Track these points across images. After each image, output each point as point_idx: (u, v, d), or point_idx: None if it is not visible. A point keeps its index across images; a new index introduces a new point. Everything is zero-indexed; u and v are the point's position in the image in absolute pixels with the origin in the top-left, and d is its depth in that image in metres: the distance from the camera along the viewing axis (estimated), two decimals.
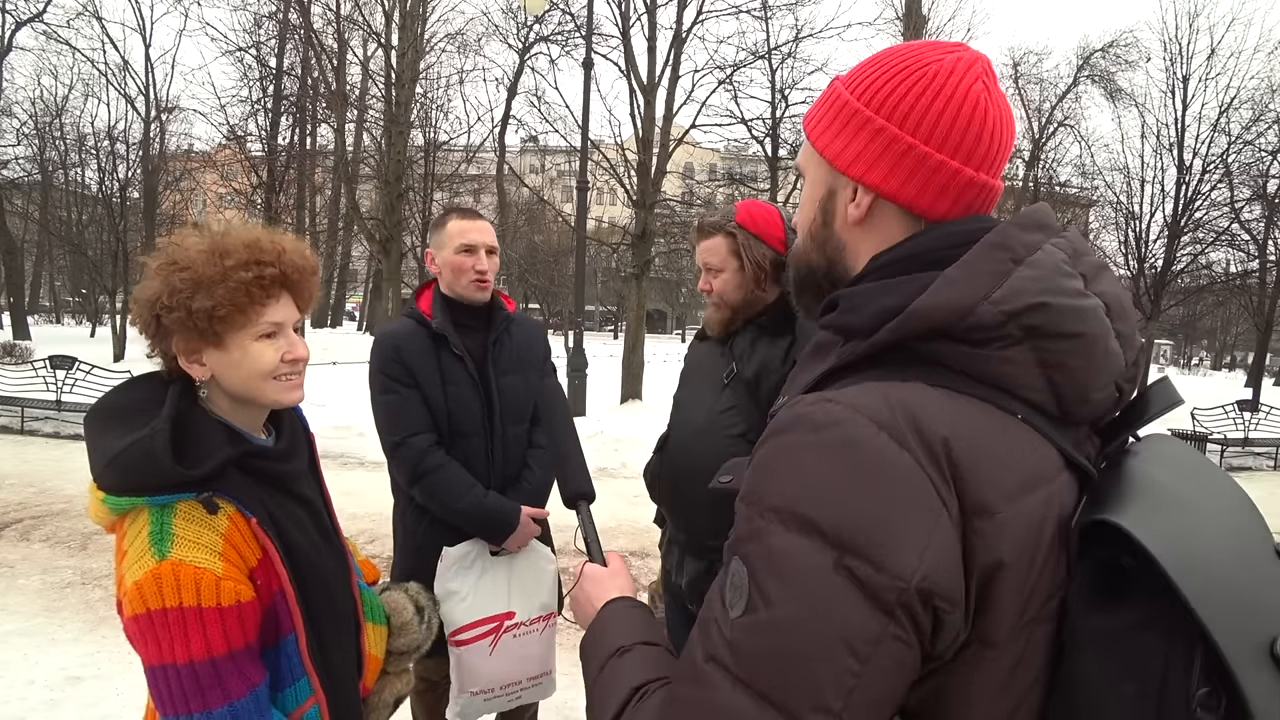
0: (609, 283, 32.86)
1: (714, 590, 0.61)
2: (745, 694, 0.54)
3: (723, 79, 13.35)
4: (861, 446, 0.56)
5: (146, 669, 0.91)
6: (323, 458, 1.24)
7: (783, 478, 0.58)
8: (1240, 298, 19.01)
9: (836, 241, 0.73)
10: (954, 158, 0.66)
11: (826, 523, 0.54)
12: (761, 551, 0.57)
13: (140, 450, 0.91)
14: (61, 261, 30.93)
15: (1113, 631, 0.54)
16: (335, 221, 21.84)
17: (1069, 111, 18.70)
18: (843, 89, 0.70)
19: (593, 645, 0.82)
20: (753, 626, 0.55)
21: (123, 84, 18.36)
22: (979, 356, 0.60)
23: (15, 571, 4.08)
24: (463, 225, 1.95)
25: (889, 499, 0.54)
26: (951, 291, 0.60)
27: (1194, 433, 9.63)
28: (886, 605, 0.53)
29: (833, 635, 0.53)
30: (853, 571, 0.53)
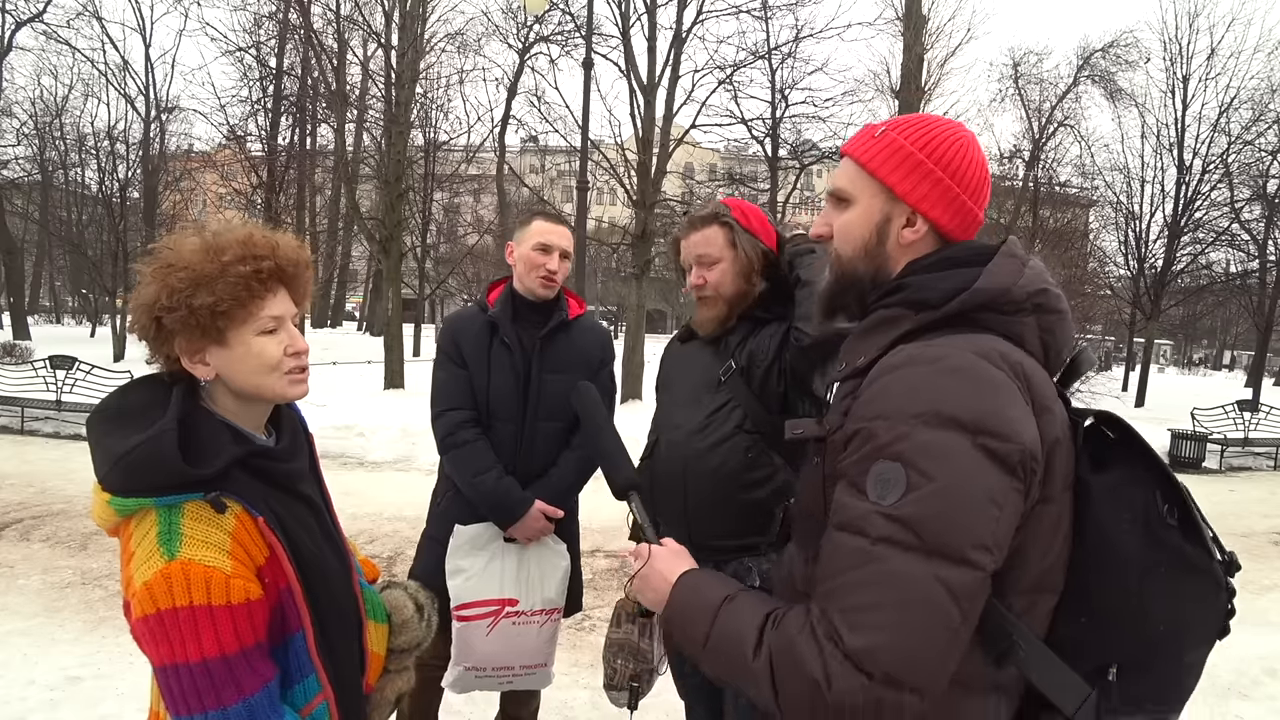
0: (609, 283, 32.83)
1: (842, 505, 0.83)
2: (913, 556, 0.76)
3: (723, 79, 13.35)
4: (972, 367, 0.81)
5: (157, 670, 0.91)
6: (323, 458, 1.24)
7: (916, 394, 0.80)
8: (1240, 298, 19.03)
9: (885, 255, 0.97)
10: (973, 202, 0.96)
11: (964, 416, 0.78)
12: (913, 446, 0.78)
13: (148, 450, 0.91)
14: (61, 261, 30.93)
15: (1111, 484, 0.84)
16: (335, 221, 21.87)
17: (1069, 111, 18.66)
18: (901, 139, 0.95)
19: (688, 609, 0.94)
20: (917, 500, 0.76)
21: (123, 84, 18.38)
22: (1008, 321, 0.88)
23: (15, 571, 4.07)
24: (545, 226, 2.07)
25: (1001, 397, 0.80)
26: (998, 279, 0.88)
27: (1194, 433, 9.64)
28: (1011, 467, 0.78)
29: (982, 494, 0.77)
30: (986, 446, 0.77)
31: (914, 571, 0.75)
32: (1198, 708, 3.18)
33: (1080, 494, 0.85)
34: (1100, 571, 0.82)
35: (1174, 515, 0.82)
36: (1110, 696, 0.82)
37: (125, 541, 0.96)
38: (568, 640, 3.54)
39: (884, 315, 0.93)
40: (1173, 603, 0.80)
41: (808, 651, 0.78)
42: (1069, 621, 0.84)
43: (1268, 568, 5.29)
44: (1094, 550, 0.83)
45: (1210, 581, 0.82)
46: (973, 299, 0.87)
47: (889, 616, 0.75)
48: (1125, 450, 0.86)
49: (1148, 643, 0.81)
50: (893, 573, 0.76)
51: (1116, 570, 0.81)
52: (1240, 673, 3.53)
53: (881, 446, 0.80)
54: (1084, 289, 13.96)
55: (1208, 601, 0.82)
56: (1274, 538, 6.15)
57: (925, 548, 0.75)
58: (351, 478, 6.43)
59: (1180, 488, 0.83)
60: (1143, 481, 0.83)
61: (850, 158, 0.99)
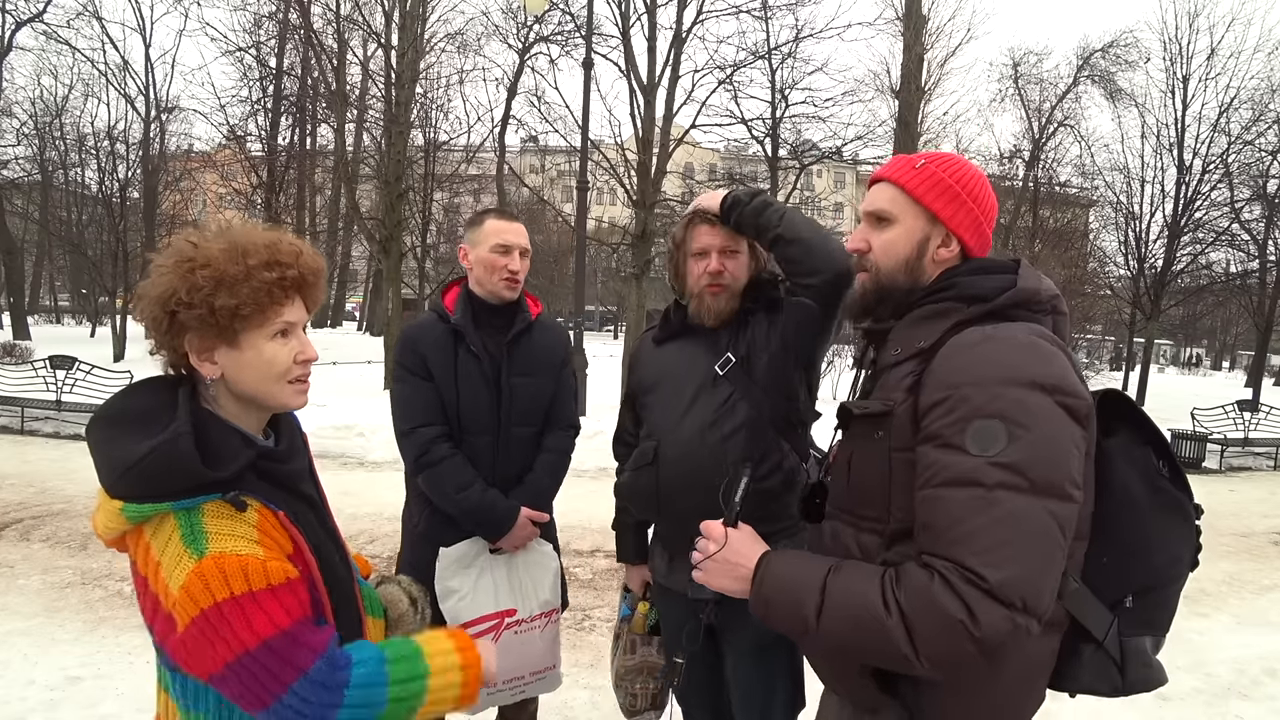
0: (609, 283, 32.84)
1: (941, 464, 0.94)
2: (1026, 495, 0.89)
3: (723, 79, 13.35)
4: (1039, 344, 0.97)
5: (218, 674, 0.89)
6: (323, 458, 1.24)
7: (1000, 364, 0.94)
8: (1240, 298, 19.02)
9: (922, 269, 1.13)
10: (988, 225, 1.15)
11: (1043, 379, 0.93)
12: (1007, 404, 0.91)
13: (165, 454, 0.90)
14: (61, 261, 30.92)
15: (1121, 446, 1.04)
16: (335, 221, 21.86)
17: (1069, 111, 18.69)
18: (944, 175, 1.12)
19: (788, 588, 1.01)
20: (1021, 448, 0.89)
21: (123, 84, 18.37)
22: (1036, 317, 1.05)
23: (15, 571, 4.08)
24: (500, 225, 1.99)
25: (1063, 366, 0.96)
26: (1031, 282, 1.07)
27: (1194, 432, 9.64)
28: (1080, 418, 0.95)
29: (1067, 439, 0.93)
30: (1063, 402, 0.93)
31: (1031, 509, 0.88)
32: (1198, 708, 3.18)
33: (1098, 457, 1.01)
34: (1119, 517, 1.01)
35: (1166, 468, 1.04)
36: (1129, 622, 1.02)
37: (142, 553, 0.94)
38: (568, 640, 3.54)
39: (936, 308, 1.08)
40: (1170, 539, 1.03)
41: (946, 598, 0.87)
42: (1096, 560, 1.02)
43: (1268, 568, 5.29)
44: (1115, 500, 1.01)
45: (1190, 520, 1.04)
46: (1017, 295, 1.04)
47: (1018, 550, 0.87)
48: (1126, 419, 1.06)
49: (1154, 572, 1.02)
50: (1013, 512, 0.88)
51: (1131, 515, 1.01)
52: (1240, 673, 3.53)
53: (979, 407, 0.92)
54: (1084, 289, 13.96)
55: (1187, 536, 1.04)
56: (1274, 538, 6.14)
57: (1035, 488, 0.89)
58: (351, 478, 6.43)
59: (1168, 448, 1.05)
60: (1142, 442, 1.04)
61: (892, 183, 1.14)
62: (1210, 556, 5.74)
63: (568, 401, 2.17)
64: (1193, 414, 10.22)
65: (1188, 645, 3.81)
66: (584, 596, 4.08)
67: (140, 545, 0.94)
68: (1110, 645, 1.00)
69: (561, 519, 2.30)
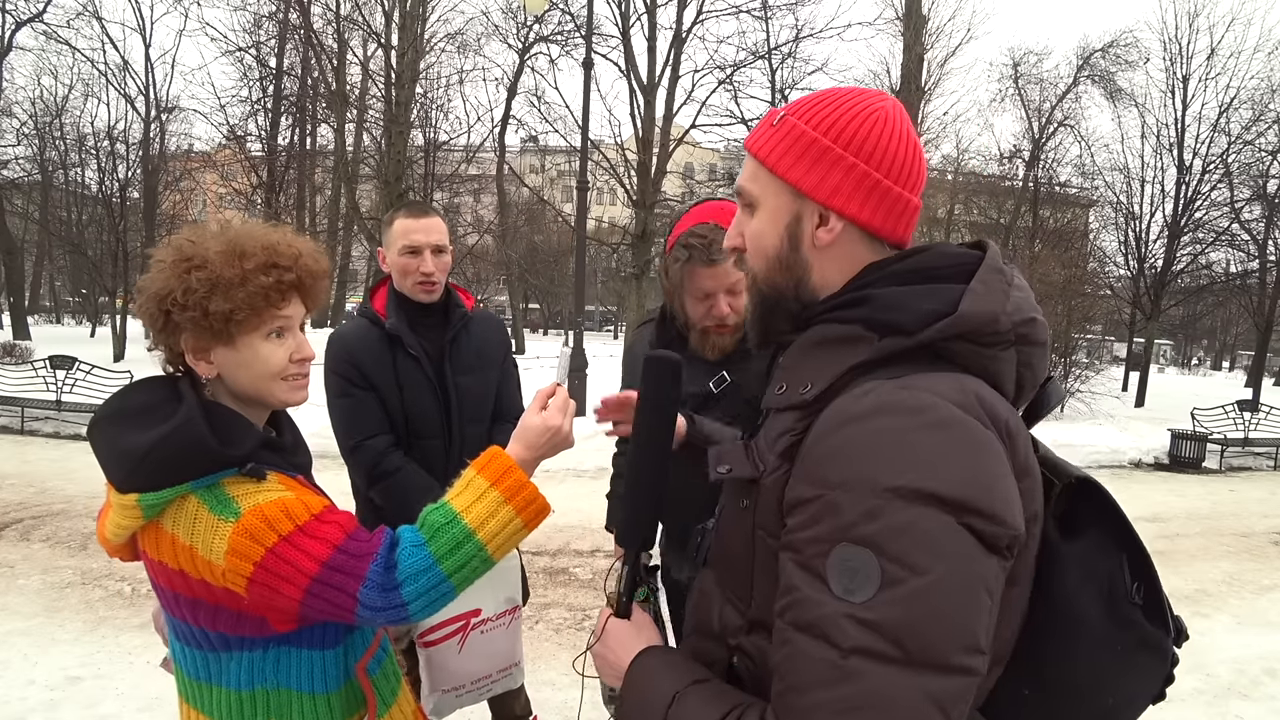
0: (609, 283, 32.83)
1: (799, 596, 0.66)
2: (895, 669, 0.61)
3: (723, 79, 13.37)
4: (957, 426, 0.66)
5: (299, 610, 0.92)
6: (322, 457, 1.25)
7: (889, 459, 0.65)
8: (1240, 298, 19.01)
9: (804, 263, 0.81)
10: (904, 187, 0.78)
11: (947, 491, 0.63)
12: (887, 528, 0.63)
13: (180, 437, 0.90)
14: (61, 261, 30.88)
15: (1080, 553, 0.75)
16: (335, 221, 21.85)
17: (1069, 111, 18.67)
18: (801, 124, 0.78)
19: (639, 701, 0.82)
20: (896, 600, 0.61)
21: (123, 84, 18.35)
22: (982, 355, 0.73)
23: (15, 571, 4.08)
24: (407, 225, 1.87)
25: (990, 466, 0.66)
26: (985, 303, 0.72)
27: (1194, 433, 9.64)
28: (1000, 549, 0.65)
29: (975, 583, 0.64)
30: (972, 527, 0.63)
31: (898, 689, 0.61)
32: (1198, 708, 3.18)
33: (1045, 560, 0.75)
34: (1058, 646, 0.74)
35: (1139, 593, 0.75)
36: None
37: (167, 547, 0.93)
38: (568, 640, 3.54)
39: (836, 332, 0.77)
40: (1125, 680, 0.76)
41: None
42: (1013, 692, 0.76)
43: (1268, 568, 5.29)
44: (1054, 624, 0.74)
45: (1162, 658, 0.78)
46: (952, 328, 0.71)
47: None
48: (1097, 516, 0.77)
49: (1094, 713, 0.77)
50: (873, 693, 0.61)
51: (1072, 645, 0.74)
52: (1240, 673, 3.53)
53: (846, 526, 0.64)
54: (1084, 289, 13.94)
55: (1156, 675, 0.78)
56: (1274, 538, 6.14)
57: (909, 659, 0.61)
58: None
59: (1148, 561, 0.76)
60: (1112, 552, 0.76)
61: (749, 153, 0.82)
62: (1210, 556, 5.75)
63: (514, 393, 2.16)
64: (1193, 414, 10.22)
65: (1188, 645, 3.79)
66: (584, 596, 4.09)
67: (162, 541, 0.93)
68: None
69: (561, 519, 2.30)
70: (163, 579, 0.96)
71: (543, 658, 3.28)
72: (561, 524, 5.09)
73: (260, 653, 0.97)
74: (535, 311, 41.88)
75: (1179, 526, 6.34)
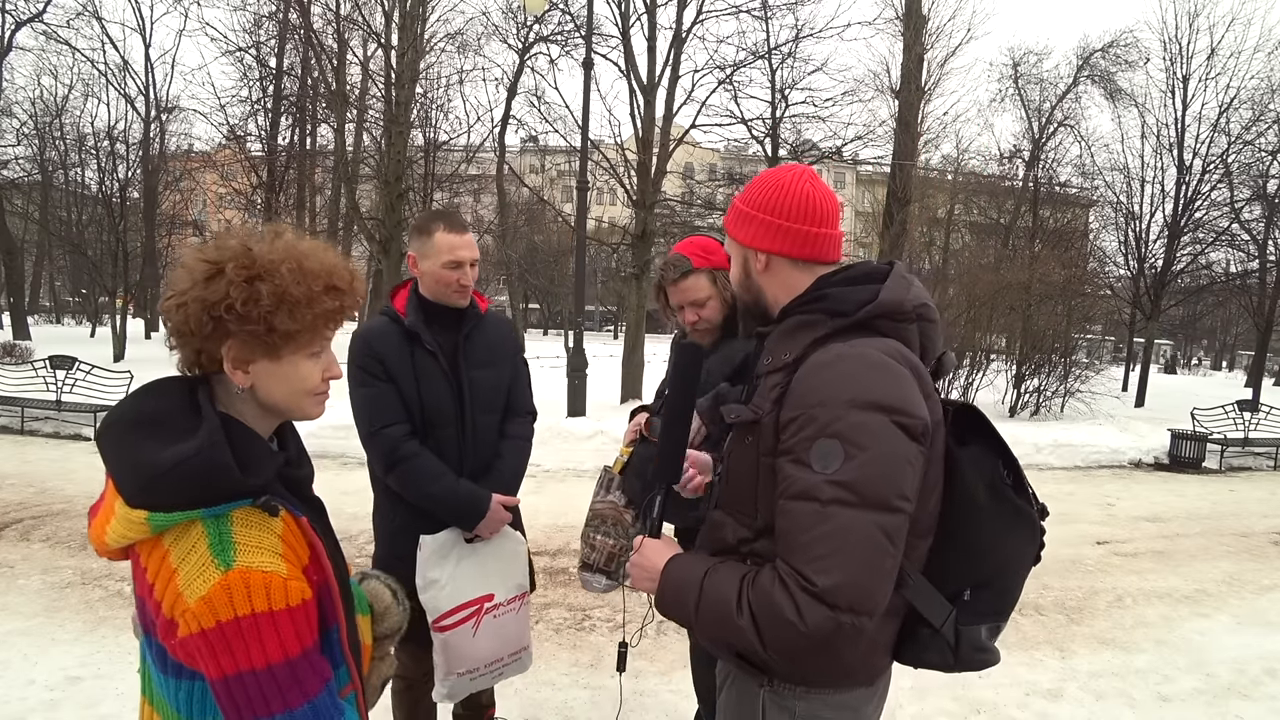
0: (609, 283, 32.81)
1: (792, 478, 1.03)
2: (856, 509, 0.98)
3: (723, 79, 13.33)
4: (885, 364, 1.06)
5: (218, 680, 0.87)
6: (323, 458, 1.25)
7: (845, 385, 1.03)
8: (1240, 298, 19.01)
9: (756, 285, 1.26)
10: (801, 223, 1.19)
11: (883, 400, 1.02)
12: (847, 425, 1.01)
13: (203, 463, 0.88)
14: (61, 261, 30.93)
15: (970, 456, 1.14)
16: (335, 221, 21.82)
17: (1069, 111, 18.69)
18: (739, 203, 1.25)
19: (677, 587, 1.14)
20: (854, 467, 0.99)
21: (123, 84, 18.38)
22: (899, 329, 1.13)
23: (15, 571, 4.08)
24: (452, 240, 2.02)
25: (906, 386, 1.05)
26: (894, 294, 1.13)
27: (1194, 433, 9.63)
28: (916, 435, 1.04)
29: (900, 457, 1.02)
30: (899, 422, 1.02)
31: (859, 521, 0.98)
32: (1198, 708, 3.18)
33: (948, 463, 1.13)
34: (962, 519, 1.12)
35: (1010, 478, 1.13)
36: (966, 612, 1.14)
37: (158, 560, 0.91)
38: (568, 640, 3.54)
39: (804, 319, 1.16)
40: (1009, 540, 1.13)
41: (782, 599, 0.99)
42: (938, 558, 1.14)
43: (1268, 568, 5.28)
44: (958, 503, 1.12)
45: (1032, 525, 1.14)
46: (876, 309, 1.11)
47: (845, 559, 0.97)
48: (978, 431, 1.16)
49: (993, 570, 1.14)
50: (842, 526, 0.98)
51: (973, 518, 1.11)
52: (1240, 673, 3.53)
53: (823, 427, 1.01)
54: (1084, 289, 13.94)
55: (1029, 538, 1.15)
56: (1274, 538, 6.14)
57: (864, 502, 0.98)
58: (352, 478, 6.41)
59: (1014, 459, 1.15)
60: (991, 453, 1.14)
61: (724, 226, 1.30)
62: (1210, 556, 5.76)
63: (524, 389, 2.28)
64: (1193, 414, 10.22)
65: (1188, 645, 3.81)
66: (584, 596, 4.08)
67: (156, 552, 0.92)
68: (947, 631, 1.12)
69: (561, 519, 2.31)
70: (142, 583, 0.94)
71: (543, 658, 3.28)
72: (561, 524, 5.09)
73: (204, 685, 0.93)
74: (535, 311, 41.86)
75: (1179, 526, 6.34)
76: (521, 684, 2.96)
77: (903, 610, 1.14)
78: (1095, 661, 3.58)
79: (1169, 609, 4.35)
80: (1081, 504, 6.96)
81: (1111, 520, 6.39)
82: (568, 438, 8.07)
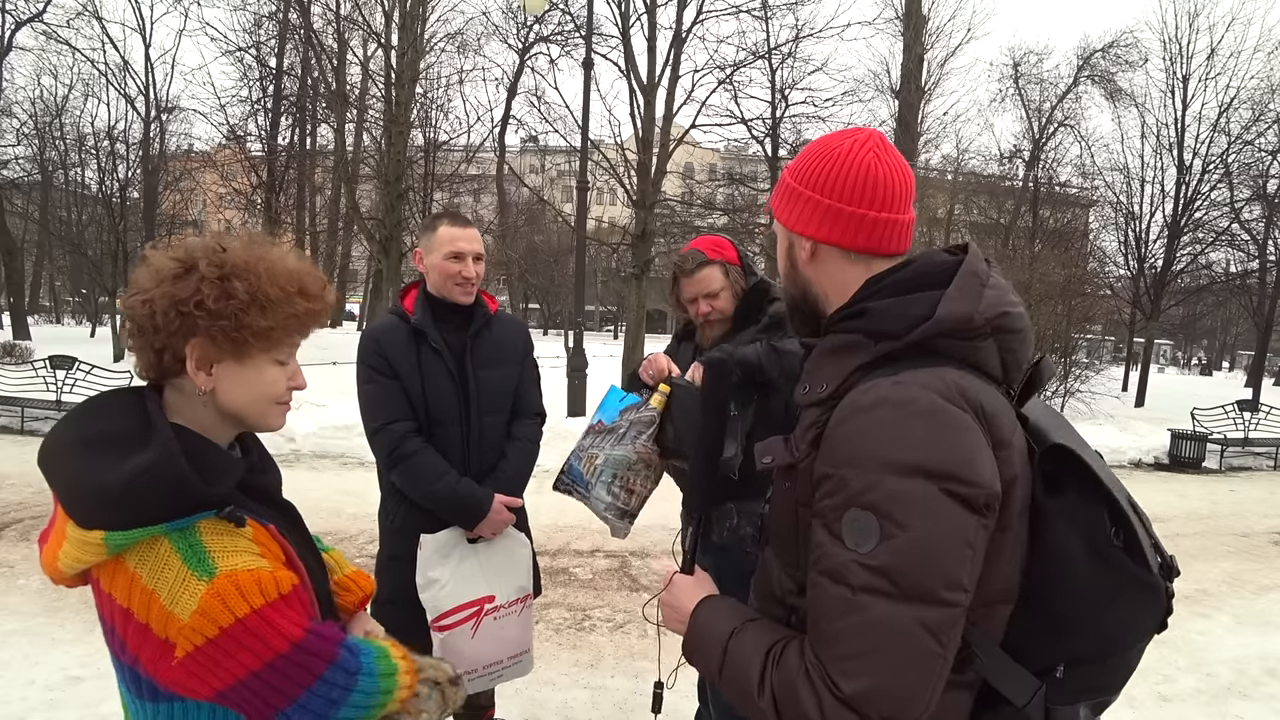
0: (609, 283, 32.84)
1: (823, 550, 0.86)
2: (893, 602, 0.80)
3: (723, 79, 13.35)
4: (941, 412, 0.84)
5: (233, 686, 0.86)
6: (323, 458, 1.25)
7: (884, 441, 0.83)
8: (1240, 298, 19.00)
9: (803, 277, 1.04)
10: (859, 206, 0.96)
11: (930, 464, 0.81)
12: (884, 495, 0.81)
13: (160, 475, 0.85)
14: (61, 261, 30.91)
15: (1063, 507, 0.89)
16: (335, 221, 21.85)
17: (1069, 111, 18.66)
18: (786, 175, 1.03)
19: (703, 638, 1.02)
20: (892, 551, 0.80)
21: (123, 84, 18.32)
22: (966, 348, 0.90)
23: (15, 571, 4.08)
24: (453, 233, 2.05)
25: (966, 441, 0.83)
26: (959, 306, 0.89)
27: (1194, 433, 9.63)
28: (979, 508, 0.82)
29: (952, 536, 0.81)
30: (953, 492, 0.81)
31: (895, 617, 0.80)
32: (1198, 708, 3.18)
33: (1036, 515, 0.91)
34: (1053, 586, 0.89)
35: (1119, 537, 0.88)
36: (1058, 690, 0.91)
37: (123, 585, 0.87)
38: (568, 640, 3.54)
39: (843, 340, 0.96)
40: (1118, 612, 0.89)
41: (806, 695, 0.84)
42: (1023, 627, 0.92)
43: (1268, 568, 5.29)
44: (1048, 567, 0.90)
45: (1151, 592, 0.89)
46: (934, 328, 0.89)
47: (877, 662, 0.80)
48: (1076, 476, 0.91)
49: (1095, 644, 0.91)
50: (876, 620, 0.80)
51: (1068, 585, 0.89)
52: (1240, 673, 3.53)
53: (854, 495, 0.83)
54: (1084, 289, 13.93)
55: (1148, 608, 0.90)
56: (1274, 538, 6.14)
57: (903, 594, 0.80)
58: (351, 478, 6.43)
59: (1124, 512, 0.88)
60: (1092, 505, 0.89)
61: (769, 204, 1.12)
62: (1210, 556, 5.75)
63: (532, 390, 2.27)
64: (1193, 414, 10.22)
65: (1188, 645, 3.82)
66: (584, 596, 4.09)
67: (120, 577, 0.87)
68: (1034, 711, 0.91)
69: (561, 519, 2.31)
70: (106, 611, 0.91)
71: (543, 658, 3.28)
72: (561, 524, 5.09)
73: (185, 706, 0.91)
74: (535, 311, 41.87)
75: (1179, 526, 6.34)
76: (521, 684, 2.96)
77: (976, 685, 0.93)
78: None
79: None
80: None
81: None
82: (568, 438, 8.07)
